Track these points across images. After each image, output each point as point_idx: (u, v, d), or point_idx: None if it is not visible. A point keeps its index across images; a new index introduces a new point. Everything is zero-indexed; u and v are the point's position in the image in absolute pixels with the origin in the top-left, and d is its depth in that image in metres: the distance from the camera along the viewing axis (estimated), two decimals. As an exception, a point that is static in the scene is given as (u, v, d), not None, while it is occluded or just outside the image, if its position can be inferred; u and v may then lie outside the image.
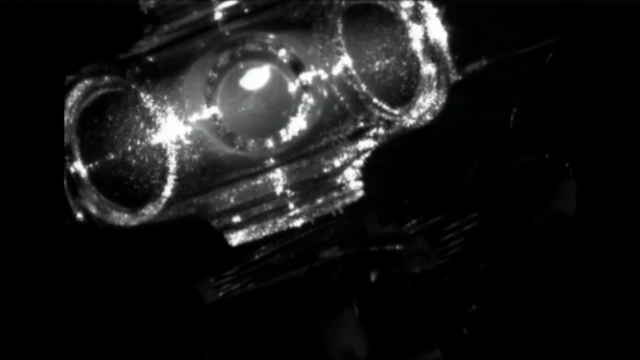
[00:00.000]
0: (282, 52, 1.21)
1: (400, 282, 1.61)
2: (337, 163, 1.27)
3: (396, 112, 1.25)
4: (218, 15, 1.24)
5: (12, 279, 1.19)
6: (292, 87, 1.22)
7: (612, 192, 1.27)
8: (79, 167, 1.24)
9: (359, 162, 1.29)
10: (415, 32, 1.25)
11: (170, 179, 1.22)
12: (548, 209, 1.57)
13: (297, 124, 1.22)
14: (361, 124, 1.25)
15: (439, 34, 1.24)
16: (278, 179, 1.26)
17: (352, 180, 1.29)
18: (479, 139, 1.54)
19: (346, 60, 1.22)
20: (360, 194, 1.29)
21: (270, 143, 1.22)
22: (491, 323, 1.58)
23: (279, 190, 1.26)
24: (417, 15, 1.24)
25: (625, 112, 1.29)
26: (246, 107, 1.22)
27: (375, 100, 1.23)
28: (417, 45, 1.25)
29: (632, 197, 1.26)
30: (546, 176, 1.57)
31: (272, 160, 1.24)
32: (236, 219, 1.28)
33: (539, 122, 1.53)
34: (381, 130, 1.26)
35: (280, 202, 1.27)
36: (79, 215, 1.25)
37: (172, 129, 1.22)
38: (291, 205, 1.27)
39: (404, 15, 1.24)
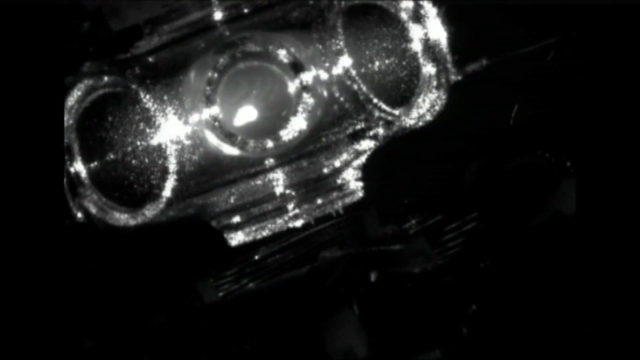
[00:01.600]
0: (282, 52, 1.21)
1: (400, 282, 1.61)
2: (337, 163, 1.27)
3: (396, 112, 1.25)
4: (218, 15, 1.24)
5: (13, 279, 1.19)
6: (292, 87, 1.22)
7: (612, 192, 1.27)
8: (79, 167, 1.24)
9: (359, 162, 1.29)
10: (415, 32, 1.24)
11: (170, 179, 1.22)
12: (548, 209, 1.57)
13: (297, 124, 1.22)
14: (361, 124, 1.25)
15: (439, 34, 1.24)
16: (278, 179, 1.26)
17: (352, 180, 1.29)
18: (479, 139, 1.54)
19: (346, 60, 1.22)
20: (360, 194, 1.29)
21: (270, 143, 1.22)
22: (491, 323, 1.59)
23: (279, 190, 1.26)
24: (417, 16, 1.24)
25: (625, 111, 1.29)
26: (246, 107, 1.22)
27: (375, 100, 1.23)
28: (417, 45, 1.24)
29: (632, 197, 1.26)
30: (546, 176, 1.57)
31: (272, 160, 1.24)
32: (236, 219, 1.28)
33: (539, 122, 1.53)
34: (381, 130, 1.26)
35: (280, 202, 1.27)
36: (79, 215, 1.25)
37: (172, 129, 1.22)
38: (291, 205, 1.27)
39: (404, 15, 1.24)
